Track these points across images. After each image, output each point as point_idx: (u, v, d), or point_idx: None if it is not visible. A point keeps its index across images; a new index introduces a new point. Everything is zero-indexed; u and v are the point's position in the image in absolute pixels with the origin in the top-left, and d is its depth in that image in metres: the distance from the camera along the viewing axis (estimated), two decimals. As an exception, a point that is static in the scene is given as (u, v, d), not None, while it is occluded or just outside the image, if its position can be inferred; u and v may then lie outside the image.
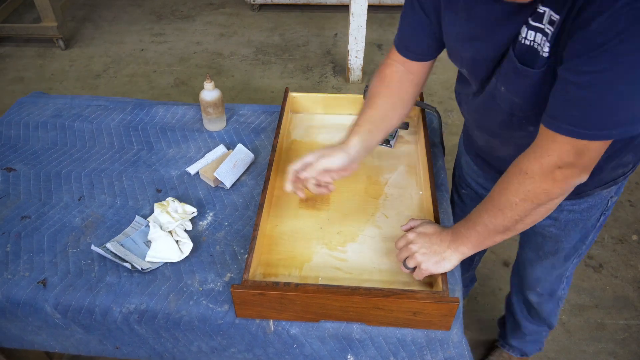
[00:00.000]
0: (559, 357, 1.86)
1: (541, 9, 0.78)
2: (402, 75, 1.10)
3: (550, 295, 1.45)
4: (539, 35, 0.80)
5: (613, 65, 0.70)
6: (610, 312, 1.99)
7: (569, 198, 1.06)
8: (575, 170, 0.82)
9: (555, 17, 0.76)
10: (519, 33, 0.84)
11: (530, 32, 0.81)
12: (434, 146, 1.38)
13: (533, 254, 1.35)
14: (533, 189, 0.85)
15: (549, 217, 1.16)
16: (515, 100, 0.91)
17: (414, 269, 1.00)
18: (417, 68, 1.10)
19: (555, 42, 0.78)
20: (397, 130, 1.41)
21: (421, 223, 1.06)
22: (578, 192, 1.09)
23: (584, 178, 0.85)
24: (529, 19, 0.81)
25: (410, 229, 1.05)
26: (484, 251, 1.64)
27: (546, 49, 0.79)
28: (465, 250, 0.97)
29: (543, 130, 0.82)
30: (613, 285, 2.08)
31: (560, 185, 0.84)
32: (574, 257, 1.31)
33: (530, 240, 1.34)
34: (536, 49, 0.81)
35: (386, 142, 1.39)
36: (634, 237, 2.26)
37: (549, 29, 0.78)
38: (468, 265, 1.71)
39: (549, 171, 0.83)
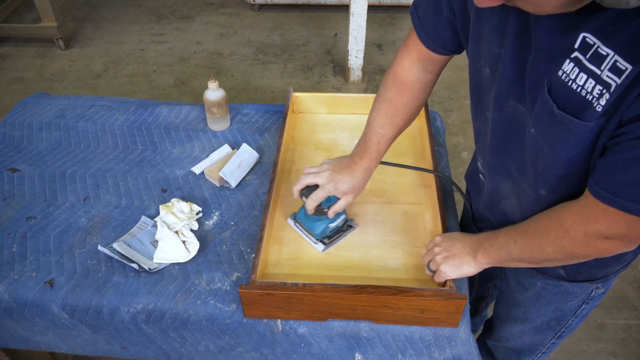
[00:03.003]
0: (559, 357, 1.87)
1: (603, 50, 0.63)
2: (418, 76, 1.02)
3: (517, 357, 1.31)
4: (592, 83, 0.65)
5: None
6: (610, 312, 2.00)
7: (542, 273, 1.03)
8: (624, 242, 0.74)
9: (626, 66, 0.61)
10: (560, 67, 0.69)
11: (581, 74, 0.66)
12: (439, 145, 1.39)
13: (503, 310, 1.26)
14: (571, 248, 0.79)
15: (517, 282, 1.12)
16: (545, 150, 0.77)
17: (435, 272, 1.00)
18: (434, 65, 1.01)
19: (620, 97, 0.63)
20: (342, 234, 1.18)
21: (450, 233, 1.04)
22: (557, 276, 1.02)
23: (631, 248, 0.76)
24: (582, 55, 0.66)
25: (438, 236, 1.03)
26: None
27: (603, 103, 0.64)
28: (483, 264, 0.95)
29: (593, 197, 0.72)
30: (613, 285, 2.08)
31: (601, 252, 0.78)
32: (548, 333, 1.18)
33: (502, 293, 1.24)
34: (586, 97, 0.66)
35: (321, 240, 1.15)
36: (634, 237, 2.27)
37: (612, 80, 0.63)
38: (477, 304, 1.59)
39: (593, 238, 0.75)
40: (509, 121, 0.85)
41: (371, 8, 3.24)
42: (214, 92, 1.41)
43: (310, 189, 1.06)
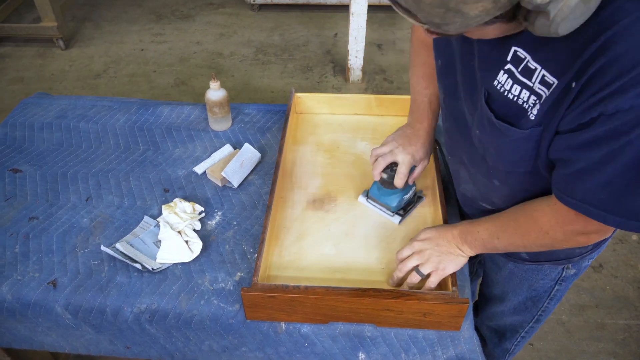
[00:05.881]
0: (559, 357, 1.87)
1: (532, 64, 0.69)
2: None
3: (498, 339, 1.37)
4: (526, 93, 0.71)
5: None
6: (610, 312, 2.00)
7: (508, 256, 1.08)
8: (600, 234, 0.80)
9: (552, 79, 0.67)
10: (495, 77, 0.75)
11: (515, 86, 0.72)
12: (438, 145, 1.39)
13: (486, 290, 1.31)
14: (552, 244, 0.85)
15: (492, 262, 1.16)
16: (490, 151, 0.84)
17: (428, 275, 1.00)
18: None
19: (552, 109, 0.69)
20: (414, 205, 1.23)
21: (418, 233, 1.05)
22: (521, 259, 1.07)
23: (607, 236, 0.84)
24: (514, 68, 0.72)
25: (410, 241, 1.04)
26: None
27: (535, 112, 0.71)
28: (472, 254, 0.99)
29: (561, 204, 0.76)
30: (613, 285, 2.10)
31: (582, 244, 0.83)
32: (526, 315, 1.22)
33: (484, 272, 1.29)
34: (522, 106, 0.73)
35: (397, 212, 1.20)
36: (634, 237, 2.28)
37: (542, 90, 0.69)
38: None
39: (572, 235, 0.81)
40: (457, 118, 0.92)
41: (371, 8, 3.24)
42: (215, 92, 1.41)
43: (388, 168, 1.13)
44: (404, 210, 1.20)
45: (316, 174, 1.32)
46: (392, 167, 1.13)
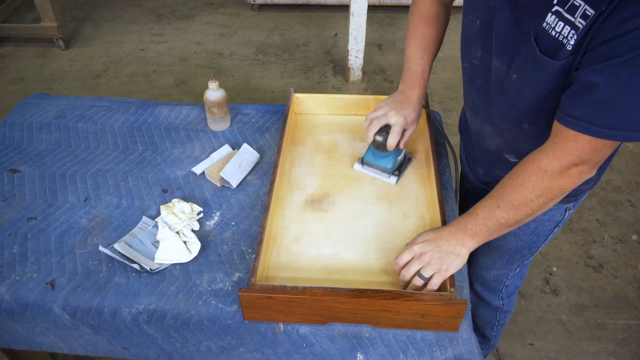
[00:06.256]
0: (559, 357, 1.87)
1: (577, 1, 0.76)
2: (439, 9, 1.16)
3: (488, 296, 1.47)
4: (568, 28, 0.79)
5: None
6: (610, 312, 2.00)
7: None
8: (590, 167, 0.86)
9: (591, 12, 0.75)
10: (543, 20, 0.82)
11: (559, 22, 0.80)
12: (439, 145, 1.39)
13: None
14: (550, 185, 0.89)
15: None
16: (525, 92, 0.91)
17: (429, 278, 0.99)
18: None
19: (583, 37, 0.77)
20: (405, 166, 1.32)
21: (415, 237, 1.05)
22: None
23: (593, 173, 0.89)
24: (561, 8, 0.79)
25: (408, 245, 1.04)
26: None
27: (572, 42, 0.78)
28: (474, 245, 1.00)
29: (562, 129, 0.83)
30: (613, 285, 2.09)
31: (574, 181, 0.88)
32: (514, 264, 1.32)
33: None
34: (561, 41, 0.80)
35: (392, 173, 1.29)
36: (634, 237, 2.27)
37: (581, 23, 0.76)
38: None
39: (567, 169, 0.86)
40: (487, 75, 1.00)
41: (371, 8, 3.24)
42: (214, 92, 1.41)
43: (382, 130, 1.22)
44: (398, 171, 1.29)
45: (315, 174, 1.32)
46: (386, 130, 1.21)
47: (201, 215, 1.23)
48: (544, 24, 0.82)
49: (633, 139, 0.78)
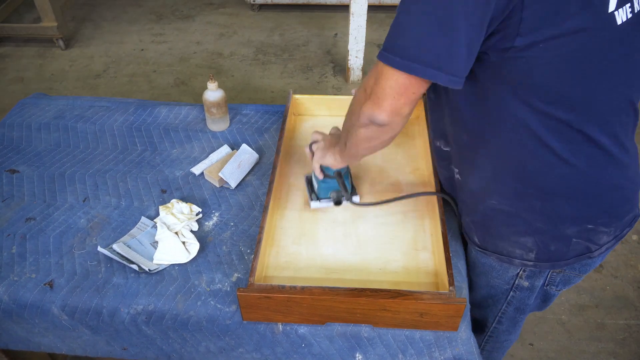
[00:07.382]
0: (559, 357, 1.87)
1: None
2: None
3: (482, 326, 1.33)
4: None
5: None
6: (610, 312, 2.00)
7: (468, 236, 1.09)
8: (370, 100, 0.83)
9: None
10: None
11: None
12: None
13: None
14: (359, 117, 0.87)
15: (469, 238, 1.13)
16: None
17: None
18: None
19: None
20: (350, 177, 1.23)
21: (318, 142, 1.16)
22: (473, 242, 1.08)
23: (377, 115, 0.83)
24: None
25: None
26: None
27: None
28: (340, 158, 1.08)
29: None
30: (613, 285, 2.09)
31: (363, 111, 0.85)
32: (491, 312, 1.21)
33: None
34: None
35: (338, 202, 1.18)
36: (634, 237, 2.27)
37: None
38: None
39: (362, 91, 0.86)
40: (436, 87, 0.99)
41: (371, 8, 3.24)
42: (213, 93, 1.41)
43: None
44: (352, 187, 1.23)
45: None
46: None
47: (200, 215, 1.23)
48: None
49: (405, 69, 0.76)
